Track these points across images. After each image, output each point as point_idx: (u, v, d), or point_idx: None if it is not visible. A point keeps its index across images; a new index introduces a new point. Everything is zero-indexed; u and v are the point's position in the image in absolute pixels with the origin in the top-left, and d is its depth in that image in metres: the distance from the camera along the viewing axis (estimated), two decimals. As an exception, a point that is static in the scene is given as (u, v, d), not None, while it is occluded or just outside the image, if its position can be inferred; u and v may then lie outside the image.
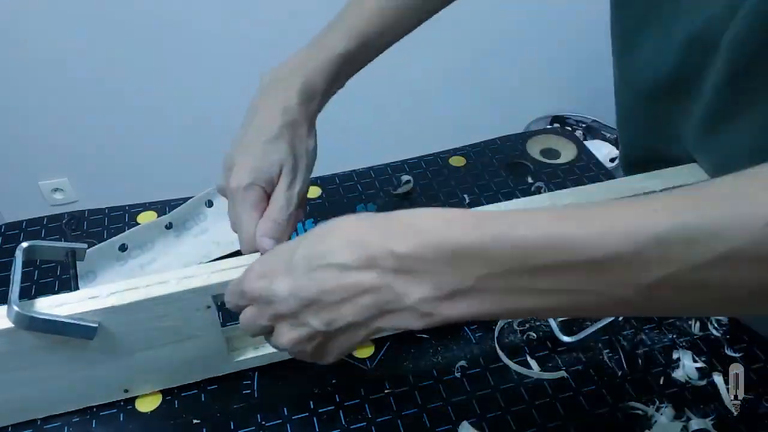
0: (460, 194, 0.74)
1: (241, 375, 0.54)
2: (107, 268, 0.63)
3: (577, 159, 0.80)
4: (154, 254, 0.66)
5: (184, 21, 1.42)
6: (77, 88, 1.45)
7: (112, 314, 0.44)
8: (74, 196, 1.64)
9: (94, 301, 0.44)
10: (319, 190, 0.76)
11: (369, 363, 0.55)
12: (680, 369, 0.54)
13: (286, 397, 0.53)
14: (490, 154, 0.81)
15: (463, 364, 0.55)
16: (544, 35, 1.63)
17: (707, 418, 0.50)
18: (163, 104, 1.53)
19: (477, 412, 0.51)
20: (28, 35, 1.35)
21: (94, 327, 0.44)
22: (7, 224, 0.71)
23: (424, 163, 0.79)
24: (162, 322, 0.46)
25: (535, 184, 0.75)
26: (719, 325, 0.58)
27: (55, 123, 1.50)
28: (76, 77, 1.44)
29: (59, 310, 0.44)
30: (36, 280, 0.64)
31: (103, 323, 0.44)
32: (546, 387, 0.53)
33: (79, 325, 0.43)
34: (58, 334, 0.44)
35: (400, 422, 0.51)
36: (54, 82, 1.43)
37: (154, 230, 0.66)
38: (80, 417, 0.51)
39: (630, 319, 0.58)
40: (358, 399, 0.52)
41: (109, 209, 0.72)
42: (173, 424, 0.51)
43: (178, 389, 0.53)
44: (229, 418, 0.51)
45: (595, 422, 0.50)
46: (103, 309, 0.44)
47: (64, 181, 1.62)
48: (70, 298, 0.45)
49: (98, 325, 0.44)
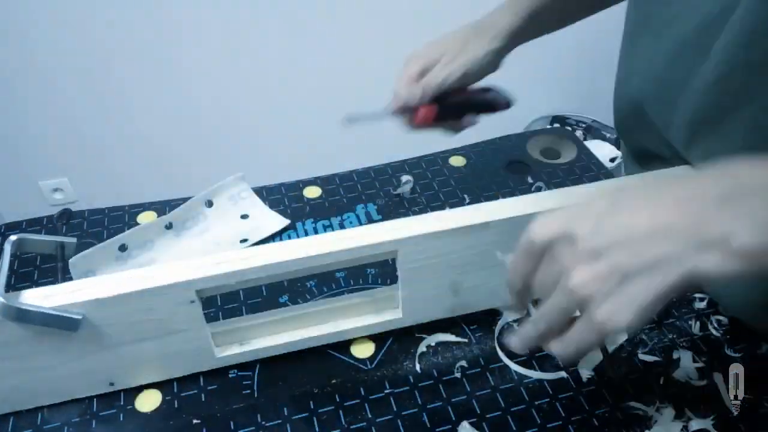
0: (460, 194, 0.74)
1: (241, 375, 0.54)
2: (107, 268, 0.63)
3: (577, 159, 0.80)
4: (154, 254, 0.66)
5: (185, 21, 1.42)
6: (77, 88, 1.46)
7: (97, 306, 0.45)
8: (74, 196, 1.64)
9: (79, 293, 0.45)
10: (319, 190, 0.76)
11: (369, 363, 0.55)
12: (680, 369, 0.54)
13: (286, 397, 0.53)
14: (490, 154, 0.81)
15: (463, 364, 0.55)
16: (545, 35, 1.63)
17: (707, 418, 0.50)
18: (163, 104, 1.53)
19: (477, 412, 0.51)
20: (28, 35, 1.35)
21: (78, 319, 0.45)
22: (7, 224, 0.71)
23: (424, 163, 0.79)
24: (146, 315, 0.47)
25: (535, 184, 0.75)
26: (719, 325, 0.58)
27: (55, 123, 1.50)
28: (76, 77, 1.44)
29: (45, 301, 0.44)
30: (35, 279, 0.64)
31: (87, 315, 0.45)
32: (546, 387, 0.53)
33: (64, 317, 0.44)
34: (42, 325, 0.44)
35: (400, 422, 0.51)
36: (54, 82, 1.43)
37: (154, 230, 0.66)
38: (80, 417, 0.51)
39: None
40: (358, 399, 0.52)
41: (109, 209, 0.72)
42: (173, 424, 0.51)
43: (178, 389, 0.53)
44: (229, 418, 0.51)
45: (595, 422, 0.50)
46: (87, 301, 0.45)
47: (64, 181, 1.62)
48: (56, 290, 0.46)
49: (82, 317, 0.45)
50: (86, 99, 1.48)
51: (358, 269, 0.64)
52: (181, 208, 0.68)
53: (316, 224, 0.71)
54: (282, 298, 0.61)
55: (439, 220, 0.50)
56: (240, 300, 0.61)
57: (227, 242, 0.68)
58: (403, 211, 0.72)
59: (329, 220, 0.71)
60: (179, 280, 0.46)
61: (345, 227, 0.70)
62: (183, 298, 0.47)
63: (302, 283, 0.63)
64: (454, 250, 0.51)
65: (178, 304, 0.47)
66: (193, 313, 0.48)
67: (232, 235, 0.69)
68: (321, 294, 0.62)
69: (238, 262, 0.47)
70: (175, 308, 0.47)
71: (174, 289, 0.46)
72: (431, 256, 0.51)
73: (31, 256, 0.65)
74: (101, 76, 1.45)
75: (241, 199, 0.73)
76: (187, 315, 0.48)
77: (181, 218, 0.68)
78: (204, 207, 0.70)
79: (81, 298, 0.45)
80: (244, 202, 0.73)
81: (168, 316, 0.48)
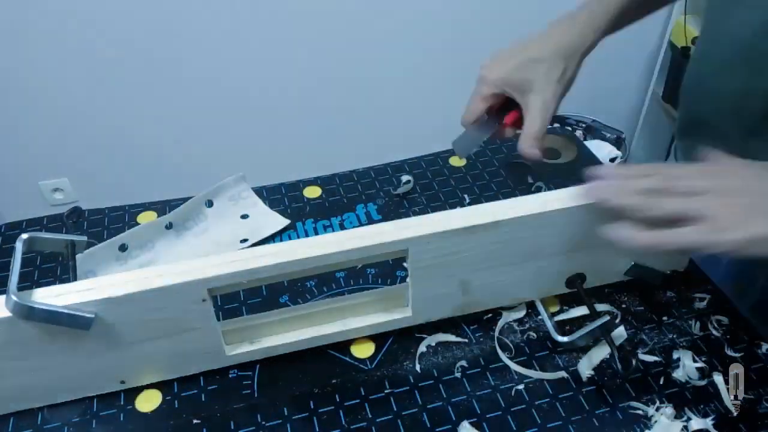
0: (460, 194, 0.74)
1: (241, 375, 0.54)
2: (107, 268, 0.63)
3: (577, 159, 0.80)
4: (154, 254, 0.66)
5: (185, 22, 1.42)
6: (77, 89, 1.46)
7: (109, 305, 0.45)
8: (74, 196, 1.64)
9: (91, 293, 0.45)
10: (319, 190, 0.76)
11: (369, 363, 0.56)
12: (680, 369, 0.54)
13: (286, 397, 0.53)
14: (490, 154, 0.81)
15: (463, 364, 0.55)
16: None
17: (707, 418, 0.50)
18: (163, 104, 1.53)
19: (477, 412, 0.51)
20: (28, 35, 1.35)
21: (90, 318, 0.44)
22: (7, 224, 0.71)
23: (424, 163, 0.79)
24: (158, 314, 0.47)
25: (535, 184, 0.75)
26: (719, 325, 0.58)
27: (55, 123, 1.50)
28: (76, 77, 1.44)
29: (57, 300, 0.44)
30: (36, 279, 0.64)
31: (99, 314, 0.45)
32: (546, 387, 0.53)
33: (76, 316, 0.44)
34: (55, 324, 0.44)
35: (400, 422, 0.51)
36: (54, 83, 1.43)
37: (155, 230, 0.66)
38: (80, 417, 0.51)
39: (630, 320, 0.58)
40: (358, 399, 0.52)
41: (109, 209, 0.72)
42: (173, 424, 0.51)
43: (178, 389, 0.53)
44: (229, 418, 0.51)
45: (595, 422, 0.50)
46: (99, 300, 0.45)
47: (64, 181, 1.62)
48: (68, 288, 0.46)
49: (95, 316, 0.45)
50: (86, 99, 1.47)
51: (358, 269, 0.64)
52: (182, 208, 0.68)
53: (316, 224, 0.71)
54: (282, 298, 0.61)
55: (449, 218, 0.50)
56: (240, 300, 0.61)
57: (227, 242, 0.68)
58: (403, 211, 0.72)
59: (329, 220, 0.71)
60: (191, 279, 0.46)
61: (345, 227, 0.70)
62: (195, 296, 0.47)
63: (302, 283, 0.63)
64: (464, 248, 0.51)
65: (190, 302, 0.47)
66: (205, 311, 0.48)
67: (232, 235, 0.69)
68: (321, 294, 0.62)
69: (252, 260, 0.47)
70: (187, 307, 0.47)
71: (186, 287, 0.46)
72: (442, 254, 0.51)
73: (32, 256, 0.65)
74: (101, 77, 1.45)
75: (241, 199, 0.73)
76: (199, 313, 0.48)
77: (181, 218, 0.68)
78: (204, 207, 0.70)
79: (93, 296, 0.45)
80: (245, 202, 0.73)
81: (180, 315, 0.48)
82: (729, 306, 0.59)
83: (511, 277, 0.55)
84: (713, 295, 0.60)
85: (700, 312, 0.59)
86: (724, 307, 0.59)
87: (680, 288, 0.61)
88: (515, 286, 0.57)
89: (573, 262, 0.56)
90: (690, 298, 0.60)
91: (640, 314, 0.59)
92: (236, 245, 0.67)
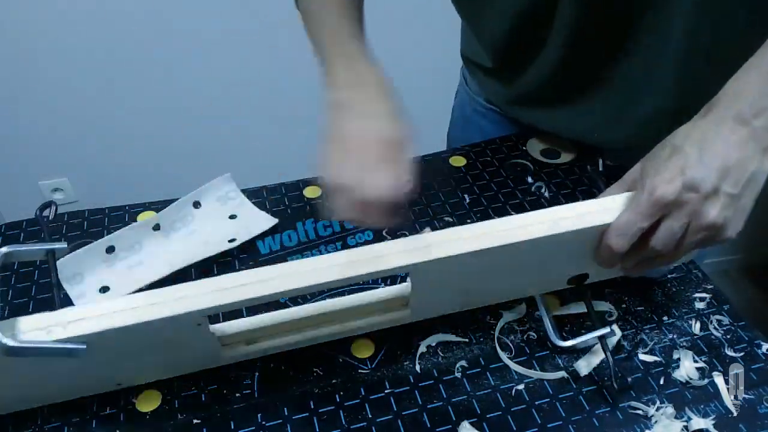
0: (460, 194, 0.74)
1: (241, 375, 0.54)
2: (94, 270, 0.63)
3: (577, 159, 0.80)
4: (142, 256, 0.65)
5: (184, 22, 1.42)
6: (77, 89, 1.45)
7: (100, 337, 0.43)
8: (74, 196, 1.64)
9: (82, 325, 0.43)
10: (319, 190, 0.76)
11: (369, 363, 0.55)
12: (680, 369, 0.54)
13: (286, 397, 0.53)
14: (490, 154, 0.81)
15: (463, 364, 0.55)
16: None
17: (707, 418, 0.50)
18: (163, 104, 1.53)
19: (477, 412, 0.51)
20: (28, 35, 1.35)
21: (82, 348, 0.43)
22: (7, 224, 0.71)
23: (424, 163, 0.79)
24: (153, 337, 0.46)
25: (535, 184, 0.75)
26: (719, 325, 0.58)
27: (55, 123, 1.50)
28: (76, 77, 1.44)
29: (45, 334, 0.42)
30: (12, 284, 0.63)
31: (91, 344, 0.43)
32: (546, 387, 0.53)
33: (67, 348, 0.42)
34: (46, 356, 0.43)
35: (400, 422, 0.51)
36: (54, 83, 1.43)
37: (142, 232, 0.66)
38: (80, 417, 0.51)
39: (630, 319, 0.59)
40: (358, 399, 0.52)
41: (109, 209, 0.72)
42: (173, 424, 0.51)
43: (178, 389, 0.53)
44: (229, 418, 0.51)
45: (595, 422, 0.50)
46: (89, 334, 0.43)
47: (64, 181, 1.62)
48: (56, 319, 0.43)
49: (86, 346, 0.43)
50: (86, 99, 1.47)
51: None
52: (169, 210, 0.68)
53: (316, 224, 0.71)
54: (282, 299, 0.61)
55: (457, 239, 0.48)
56: (240, 300, 0.61)
57: (215, 242, 0.67)
58: (403, 211, 0.72)
59: (329, 220, 0.71)
60: (184, 311, 0.44)
61: (345, 227, 0.70)
62: (193, 322, 0.46)
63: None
64: (470, 267, 0.50)
65: (188, 327, 0.46)
66: (202, 332, 0.48)
67: (220, 235, 0.68)
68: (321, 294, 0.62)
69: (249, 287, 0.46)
70: (184, 329, 0.46)
71: (183, 317, 0.44)
72: (446, 271, 0.49)
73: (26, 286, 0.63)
74: (101, 77, 1.44)
75: (229, 200, 0.72)
76: (195, 334, 0.48)
77: (169, 219, 0.68)
78: (191, 208, 0.70)
79: (84, 330, 0.43)
80: (233, 203, 0.72)
81: (175, 335, 0.47)
82: (729, 306, 0.59)
83: (513, 281, 0.55)
84: (713, 295, 0.60)
85: (700, 312, 0.59)
86: (724, 307, 0.59)
87: (680, 288, 0.61)
88: (516, 286, 0.56)
89: (577, 264, 0.56)
90: (690, 298, 0.60)
91: (640, 314, 0.59)
92: (224, 245, 0.67)
